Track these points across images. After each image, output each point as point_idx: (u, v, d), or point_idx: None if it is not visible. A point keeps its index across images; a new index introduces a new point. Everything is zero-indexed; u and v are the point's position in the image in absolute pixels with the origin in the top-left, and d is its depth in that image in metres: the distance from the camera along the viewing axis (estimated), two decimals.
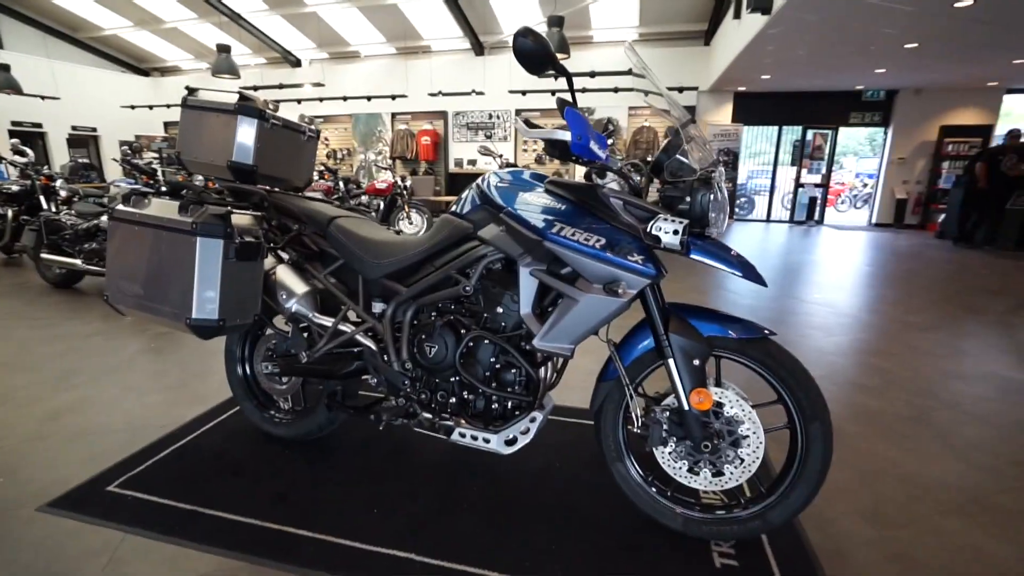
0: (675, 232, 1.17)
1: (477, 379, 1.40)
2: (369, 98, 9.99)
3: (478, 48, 10.50)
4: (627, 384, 1.35)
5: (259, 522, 1.45)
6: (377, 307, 1.59)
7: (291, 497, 1.56)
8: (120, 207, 1.45)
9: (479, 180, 1.46)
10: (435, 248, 1.48)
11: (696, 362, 1.29)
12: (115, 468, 1.70)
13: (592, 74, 7.81)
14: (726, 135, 9.80)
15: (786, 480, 1.32)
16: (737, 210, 10.90)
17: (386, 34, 10.71)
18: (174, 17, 10.54)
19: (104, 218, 3.97)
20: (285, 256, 1.73)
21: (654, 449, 1.37)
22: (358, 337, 1.55)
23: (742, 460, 1.32)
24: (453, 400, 1.50)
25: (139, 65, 13.07)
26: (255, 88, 9.82)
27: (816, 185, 10.43)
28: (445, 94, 9.58)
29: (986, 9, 4.90)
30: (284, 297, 1.56)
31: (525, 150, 10.91)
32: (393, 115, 11.22)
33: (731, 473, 1.32)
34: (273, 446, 1.85)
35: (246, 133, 1.67)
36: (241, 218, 1.42)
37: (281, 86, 9.49)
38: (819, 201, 10.45)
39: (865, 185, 14.45)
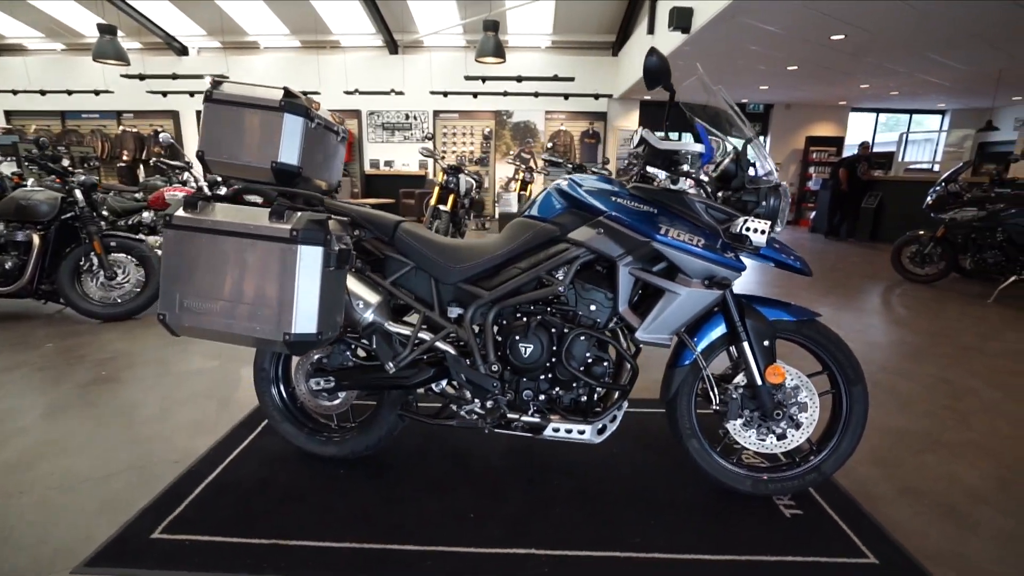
0: (762, 232, 1.35)
1: (579, 374, 1.47)
2: None
3: (392, 46, 10.23)
4: (704, 367, 1.51)
5: (354, 544, 1.38)
6: (451, 312, 1.58)
7: (373, 515, 1.50)
8: (181, 213, 1.27)
9: (559, 185, 1.53)
10: (518, 251, 1.51)
11: (766, 343, 1.49)
12: (146, 513, 1.49)
13: (519, 78, 8.03)
14: (632, 141, 10.66)
15: (834, 436, 1.57)
16: None
17: (290, 26, 10.00)
18: None
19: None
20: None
21: (728, 422, 1.55)
22: (438, 344, 1.54)
23: (800, 424, 1.54)
24: (542, 397, 1.55)
25: None
26: (140, 77, 8.62)
27: None
28: (363, 92, 9.22)
29: (852, 43, 5.94)
30: (361, 307, 1.49)
31: (444, 152, 10.86)
32: None
33: (792, 436, 1.54)
34: (321, 467, 1.74)
35: (292, 132, 1.55)
36: (329, 223, 1.34)
37: (175, 76, 8.45)
38: None
39: None
